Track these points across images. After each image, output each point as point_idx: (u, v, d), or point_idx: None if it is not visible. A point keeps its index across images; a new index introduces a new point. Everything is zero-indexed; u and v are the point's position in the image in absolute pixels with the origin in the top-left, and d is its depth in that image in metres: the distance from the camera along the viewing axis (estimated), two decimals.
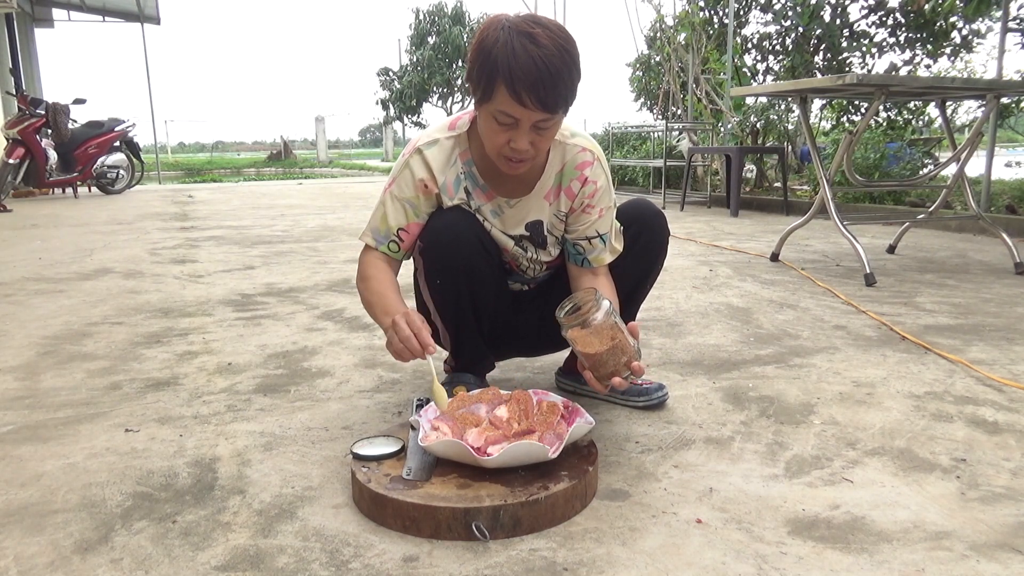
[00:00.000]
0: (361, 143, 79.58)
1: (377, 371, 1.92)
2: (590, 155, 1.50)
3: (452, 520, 1.09)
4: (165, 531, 1.12)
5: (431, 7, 22.24)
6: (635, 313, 1.67)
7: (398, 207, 1.46)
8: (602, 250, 1.53)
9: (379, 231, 1.48)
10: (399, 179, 1.46)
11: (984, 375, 1.83)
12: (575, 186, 1.50)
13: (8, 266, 3.66)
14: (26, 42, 11.96)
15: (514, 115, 1.27)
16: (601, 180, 1.51)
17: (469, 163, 1.47)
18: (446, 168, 1.46)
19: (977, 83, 3.64)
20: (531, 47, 1.22)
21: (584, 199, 1.50)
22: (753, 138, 7.47)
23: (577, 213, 1.52)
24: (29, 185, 8.22)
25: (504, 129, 1.30)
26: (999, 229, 3.42)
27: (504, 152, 1.33)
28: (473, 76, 1.29)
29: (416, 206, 1.46)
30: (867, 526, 1.12)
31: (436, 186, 1.46)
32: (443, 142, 1.46)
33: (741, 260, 3.66)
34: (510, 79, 1.22)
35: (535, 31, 1.23)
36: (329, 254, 3.99)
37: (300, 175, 17.67)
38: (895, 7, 6.64)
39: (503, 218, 1.51)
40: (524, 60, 1.22)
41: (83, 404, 1.68)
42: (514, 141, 1.30)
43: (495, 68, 1.24)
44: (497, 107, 1.27)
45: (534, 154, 1.34)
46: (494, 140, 1.32)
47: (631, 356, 1.28)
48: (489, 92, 1.27)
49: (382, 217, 1.48)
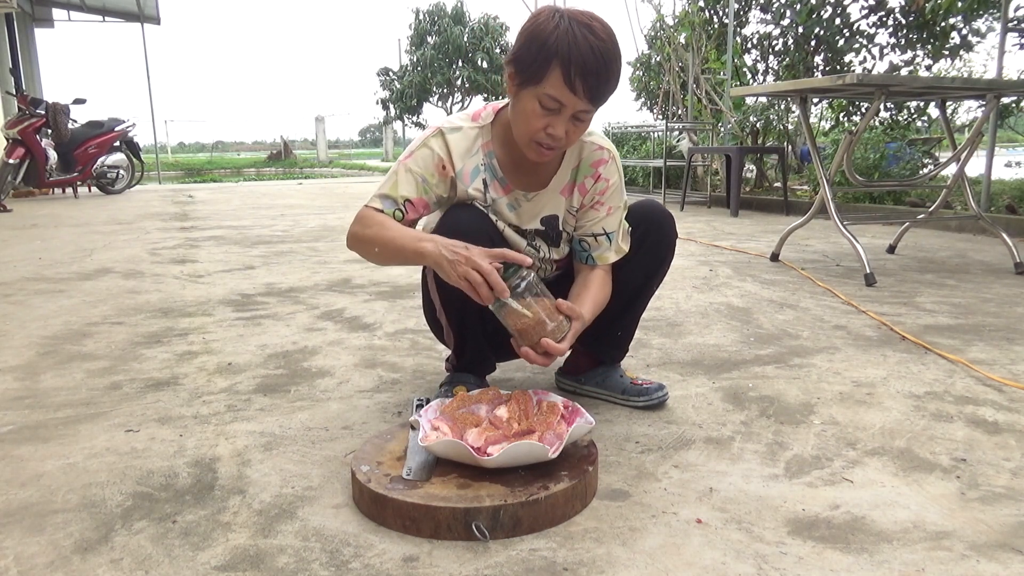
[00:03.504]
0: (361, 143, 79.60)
1: (377, 371, 1.92)
2: (606, 154, 1.52)
3: (452, 520, 1.09)
4: (165, 531, 1.12)
5: (431, 7, 22.22)
6: (640, 313, 1.67)
7: (410, 179, 1.44)
8: (607, 248, 1.53)
9: (387, 197, 1.44)
10: (417, 154, 1.45)
11: (984, 375, 1.83)
12: (588, 183, 1.51)
13: (8, 266, 3.66)
14: (26, 42, 11.96)
15: (561, 100, 1.29)
16: (613, 179, 1.52)
17: (490, 155, 1.47)
18: (466, 156, 1.46)
19: (977, 83, 3.64)
20: (591, 37, 1.26)
21: (595, 195, 1.52)
22: (753, 138, 7.47)
23: (586, 209, 1.53)
24: (29, 185, 8.21)
25: (546, 114, 1.31)
26: (999, 229, 3.42)
27: (538, 138, 1.34)
28: (523, 59, 1.30)
29: (428, 183, 1.45)
30: (867, 526, 1.12)
31: (453, 170, 1.45)
32: (467, 130, 1.46)
33: (741, 260, 3.66)
34: (568, 64, 1.25)
35: (594, 24, 1.28)
36: (329, 254, 3.99)
37: (300, 175, 17.66)
38: (895, 7, 6.64)
39: (519, 212, 1.51)
40: (584, 48, 1.25)
41: (83, 404, 1.68)
42: (552, 127, 1.32)
43: (552, 52, 1.25)
44: (545, 91, 1.28)
45: (566, 144, 1.37)
46: (532, 124, 1.33)
47: (541, 336, 1.30)
48: (540, 75, 1.28)
49: (393, 185, 1.45)
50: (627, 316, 1.65)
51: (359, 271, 3.43)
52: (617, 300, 1.58)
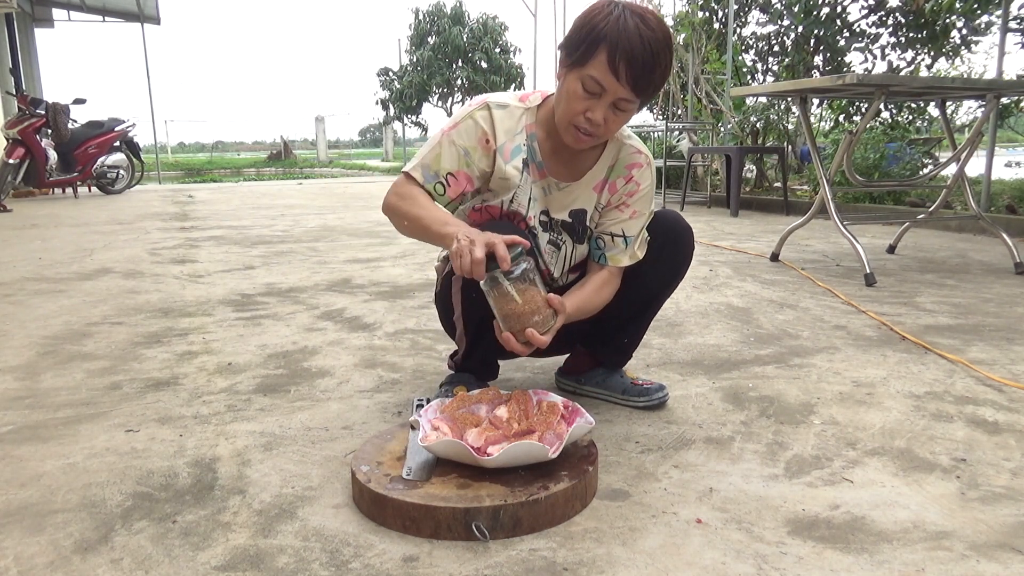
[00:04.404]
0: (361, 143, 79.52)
1: (377, 371, 1.92)
2: (643, 158, 1.52)
3: (452, 520, 1.09)
4: (165, 531, 1.12)
5: (431, 7, 22.19)
6: (649, 322, 1.67)
7: (454, 151, 1.43)
8: (621, 251, 1.52)
9: (429, 168, 1.42)
10: (461, 125, 1.44)
11: (984, 375, 1.83)
12: (619, 183, 1.51)
13: (8, 266, 3.66)
14: (26, 42, 11.96)
15: (604, 84, 1.29)
16: (645, 184, 1.52)
17: (532, 137, 1.47)
18: (510, 134, 1.45)
19: (977, 83, 3.64)
20: (642, 26, 1.27)
21: (623, 196, 1.51)
22: (753, 138, 7.47)
23: (611, 208, 1.52)
24: (29, 185, 8.21)
25: (587, 97, 1.31)
26: (999, 229, 3.42)
27: (576, 121, 1.34)
28: (573, 40, 1.31)
29: (471, 156, 1.43)
30: (867, 526, 1.12)
31: (495, 144, 1.44)
32: (513, 108, 1.46)
33: (741, 260, 3.66)
34: (615, 47, 1.26)
35: (647, 16, 1.29)
36: (329, 254, 3.99)
37: (300, 175, 17.65)
38: (895, 7, 6.64)
39: (549, 199, 1.51)
40: (632, 34, 1.26)
41: (83, 404, 1.68)
42: (592, 111, 1.32)
43: (602, 34, 1.27)
44: (589, 72, 1.29)
45: (604, 132, 1.36)
46: (572, 106, 1.33)
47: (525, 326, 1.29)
48: (587, 56, 1.29)
49: (436, 157, 1.43)
50: (635, 324, 1.65)
51: (359, 271, 3.43)
52: (628, 308, 1.58)
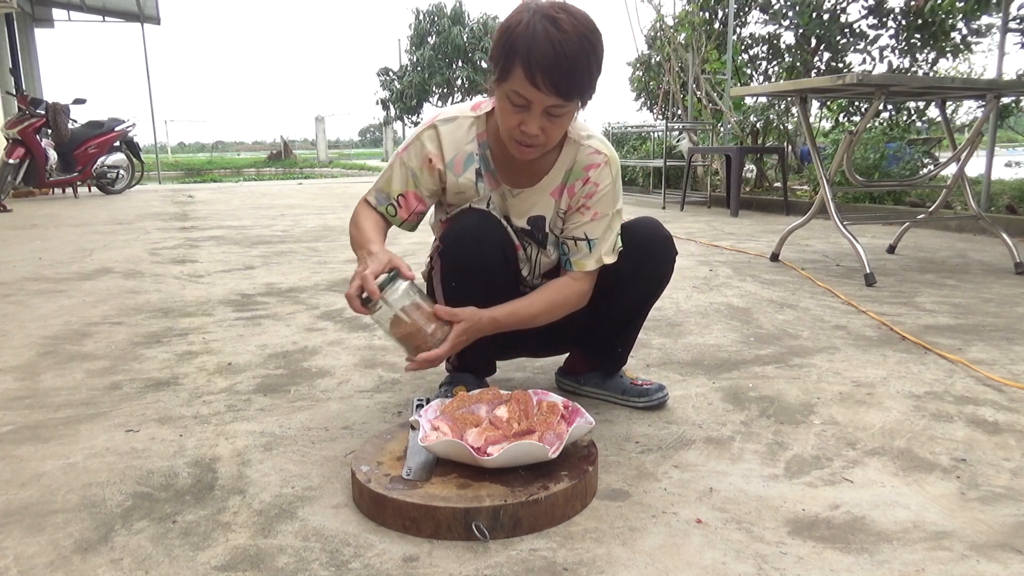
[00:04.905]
0: (361, 143, 79.52)
1: (377, 371, 1.92)
2: (601, 158, 1.48)
3: (452, 520, 1.09)
4: (165, 531, 1.12)
5: (431, 7, 22.19)
6: (639, 327, 1.67)
7: (403, 173, 1.48)
8: (586, 255, 1.49)
9: (382, 192, 1.51)
10: (411, 147, 1.48)
11: (984, 375, 1.83)
12: (577, 186, 1.49)
13: (8, 266, 3.66)
14: (26, 42, 11.96)
15: (527, 97, 1.27)
16: (604, 183, 1.48)
17: (484, 145, 1.47)
18: (459, 145, 1.46)
19: (977, 83, 3.64)
20: (552, 30, 1.23)
21: (581, 199, 1.49)
22: (753, 138, 7.47)
23: (572, 211, 1.50)
24: (29, 185, 8.21)
25: (517, 111, 1.30)
26: (999, 229, 3.42)
27: (514, 135, 1.34)
28: (493, 55, 1.31)
29: (418, 178, 1.48)
30: (867, 526, 1.12)
31: (442, 163, 1.46)
32: (461, 120, 1.47)
33: (741, 260, 3.66)
34: (527, 60, 1.23)
35: (559, 16, 1.24)
36: (329, 254, 3.99)
37: (300, 175, 17.64)
38: (895, 8, 6.64)
39: (507, 205, 1.52)
40: (543, 42, 1.23)
41: (83, 404, 1.68)
42: (525, 124, 1.31)
43: (514, 48, 1.25)
44: (512, 87, 1.28)
45: (544, 140, 1.34)
46: (507, 121, 1.33)
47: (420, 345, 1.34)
48: (507, 72, 1.27)
49: (388, 180, 1.50)
50: (626, 332, 1.65)
51: None
52: (617, 318, 1.59)
